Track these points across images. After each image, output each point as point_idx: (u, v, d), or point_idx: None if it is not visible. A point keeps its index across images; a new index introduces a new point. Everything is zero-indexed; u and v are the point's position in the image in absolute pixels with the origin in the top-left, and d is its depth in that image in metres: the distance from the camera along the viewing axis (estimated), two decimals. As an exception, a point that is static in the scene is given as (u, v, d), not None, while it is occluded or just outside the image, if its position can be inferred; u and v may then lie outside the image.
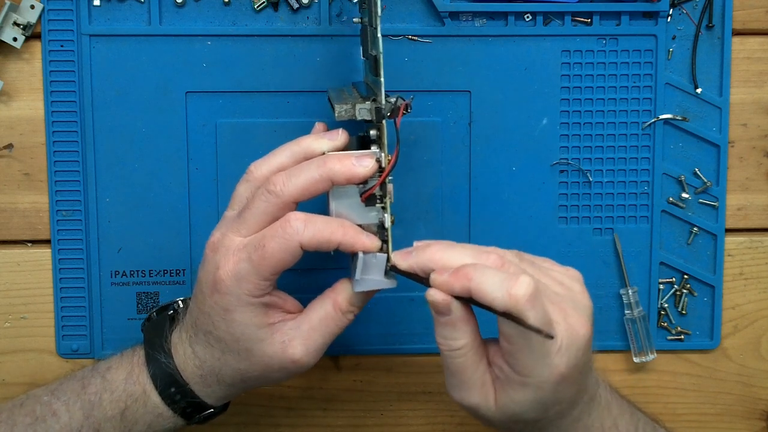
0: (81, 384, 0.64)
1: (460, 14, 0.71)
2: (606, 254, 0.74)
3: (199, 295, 0.61)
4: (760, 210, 0.75)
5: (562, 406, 0.58)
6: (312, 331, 0.61)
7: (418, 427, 0.76)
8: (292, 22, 0.71)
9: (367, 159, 0.59)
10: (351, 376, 0.76)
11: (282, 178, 0.59)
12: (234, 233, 0.60)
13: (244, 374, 0.62)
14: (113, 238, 0.72)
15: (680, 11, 0.72)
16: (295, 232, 0.57)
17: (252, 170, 0.62)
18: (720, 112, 0.73)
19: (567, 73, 0.72)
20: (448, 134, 0.72)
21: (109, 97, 0.71)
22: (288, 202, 0.59)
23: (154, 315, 0.67)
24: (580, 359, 0.57)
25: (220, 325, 0.60)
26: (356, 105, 0.59)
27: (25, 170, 0.72)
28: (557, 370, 0.55)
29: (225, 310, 0.59)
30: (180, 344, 0.63)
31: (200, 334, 0.62)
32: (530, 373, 0.55)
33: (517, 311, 0.52)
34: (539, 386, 0.56)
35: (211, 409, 0.64)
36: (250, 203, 0.60)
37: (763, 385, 0.77)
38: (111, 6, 0.70)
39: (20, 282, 0.73)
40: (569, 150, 0.73)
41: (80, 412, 0.63)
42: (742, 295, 0.76)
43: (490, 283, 0.53)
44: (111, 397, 0.63)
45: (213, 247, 0.60)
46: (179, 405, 0.63)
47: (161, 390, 0.62)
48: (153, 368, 0.63)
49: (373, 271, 0.60)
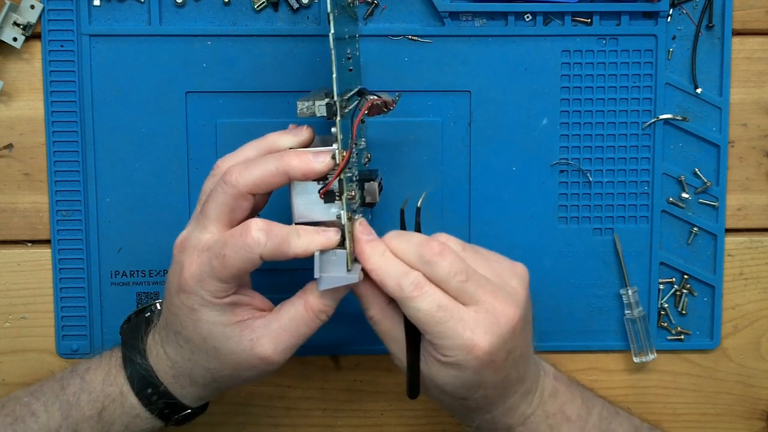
0: (60, 385, 0.64)
1: (460, 14, 0.71)
2: (606, 254, 0.74)
3: (167, 296, 0.61)
4: (760, 210, 0.75)
5: (487, 390, 0.60)
6: (281, 330, 0.60)
7: (418, 427, 0.76)
8: (292, 22, 0.71)
9: (323, 155, 0.59)
10: (351, 376, 0.76)
11: (238, 168, 0.59)
12: (198, 230, 0.60)
13: (214, 374, 0.62)
14: (113, 238, 0.72)
15: (680, 11, 0.72)
16: (255, 244, 0.57)
17: (218, 165, 0.62)
18: (720, 112, 0.73)
19: (567, 73, 0.72)
20: (448, 134, 0.72)
21: (109, 97, 0.71)
22: (243, 193, 0.58)
23: (133, 317, 0.67)
24: (506, 344, 0.59)
25: (188, 325, 0.60)
26: (315, 101, 0.59)
27: (25, 170, 0.72)
28: (475, 350, 0.58)
29: (191, 310, 0.59)
30: (153, 346, 0.63)
31: (171, 335, 0.62)
32: (448, 353, 0.58)
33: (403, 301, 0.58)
34: (459, 365, 0.58)
35: (188, 410, 0.64)
36: (208, 197, 0.60)
37: (763, 385, 0.77)
38: (111, 6, 0.71)
39: (20, 282, 0.73)
40: (569, 150, 0.73)
41: (58, 413, 0.63)
42: (742, 295, 0.76)
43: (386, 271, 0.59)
44: (89, 398, 0.63)
45: (180, 247, 0.60)
46: (156, 406, 0.63)
47: (138, 391, 0.62)
48: (130, 369, 0.63)
49: (333, 268, 0.60)
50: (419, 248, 0.59)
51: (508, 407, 0.63)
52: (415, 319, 0.58)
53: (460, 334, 0.58)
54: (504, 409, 0.63)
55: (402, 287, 0.58)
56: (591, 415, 0.65)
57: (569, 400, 0.65)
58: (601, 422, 0.66)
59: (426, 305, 0.58)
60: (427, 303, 0.58)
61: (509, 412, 0.63)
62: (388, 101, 0.62)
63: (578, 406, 0.65)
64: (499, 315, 0.59)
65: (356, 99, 0.62)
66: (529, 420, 0.64)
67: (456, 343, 0.58)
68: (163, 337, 0.63)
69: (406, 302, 0.58)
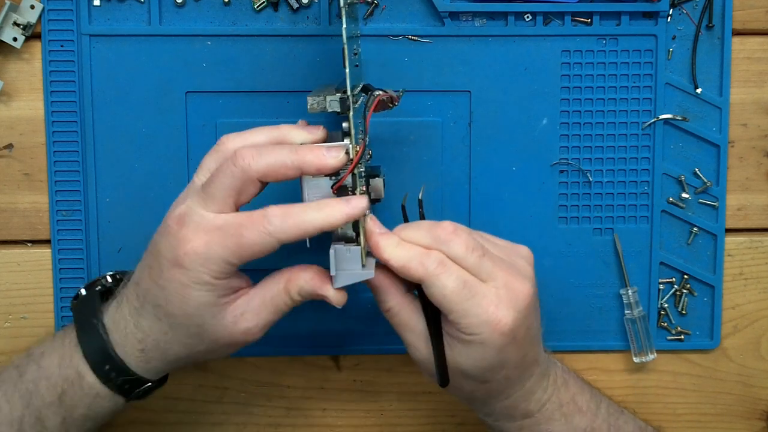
0: (17, 372, 0.63)
1: (460, 14, 0.71)
2: (606, 254, 0.74)
3: (155, 268, 0.59)
4: (760, 210, 0.75)
5: (509, 369, 0.61)
6: (263, 306, 0.60)
7: (418, 427, 0.76)
8: (292, 22, 0.71)
9: (336, 150, 0.59)
10: (351, 376, 0.76)
11: (251, 152, 0.58)
12: (201, 207, 0.59)
13: (191, 349, 0.61)
14: (113, 238, 0.72)
15: (680, 11, 0.72)
16: (276, 232, 0.57)
17: (224, 142, 0.61)
18: (720, 112, 0.73)
19: (567, 73, 0.72)
20: (448, 134, 0.72)
21: (109, 97, 0.71)
22: (253, 179, 0.58)
23: (82, 292, 0.65)
24: (526, 319, 0.60)
25: (174, 300, 0.59)
26: (327, 97, 0.60)
27: (25, 170, 0.72)
28: (500, 326, 0.58)
29: (183, 286, 0.58)
30: (121, 319, 0.62)
31: (148, 307, 0.60)
32: (473, 331, 0.59)
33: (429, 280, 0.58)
34: (484, 343, 0.59)
35: (148, 383, 0.63)
36: (215, 176, 0.59)
37: (763, 385, 0.77)
38: (111, 6, 0.71)
39: (20, 282, 0.73)
40: (569, 150, 0.73)
41: (20, 402, 0.62)
42: (742, 295, 0.76)
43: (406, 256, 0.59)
44: (47, 384, 0.62)
45: (178, 220, 0.59)
46: (114, 382, 0.62)
47: (95, 368, 0.61)
48: (85, 348, 0.62)
49: (349, 264, 0.60)
50: (432, 231, 0.60)
51: (527, 391, 0.63)
52: (441, 299, 0.58)
53: (486, 310, 0.58)
54: (523, 392, 0.63)
55: (426, 266, 0.58)
56: (600, 408, 0.66)
57: (579, 392, 0.66)
58: (609, 417, 0.66)
59: (452, 282, 0.58)
60: (453, 279, 0.58)
61: (528, 396, 0.63)
62: (393, 96, 0.62)
63: (587, 398, 0.66)
64: (516, 291, 0.60)
65: (362, 95, 0.63)
66: (545, 407, 0.64)
67: (481, 320, 0.58)
68: (136, 309, 0.61)
69: (433, 281, 0.58)
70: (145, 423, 0.75)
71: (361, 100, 0.62)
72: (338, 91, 0.60)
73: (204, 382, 0.75)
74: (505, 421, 0.65)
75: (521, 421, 0.64)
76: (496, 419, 0.65)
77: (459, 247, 0.59)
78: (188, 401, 0.75)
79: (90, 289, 0.65)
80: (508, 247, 0.63)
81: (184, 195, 0.61)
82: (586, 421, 0.65)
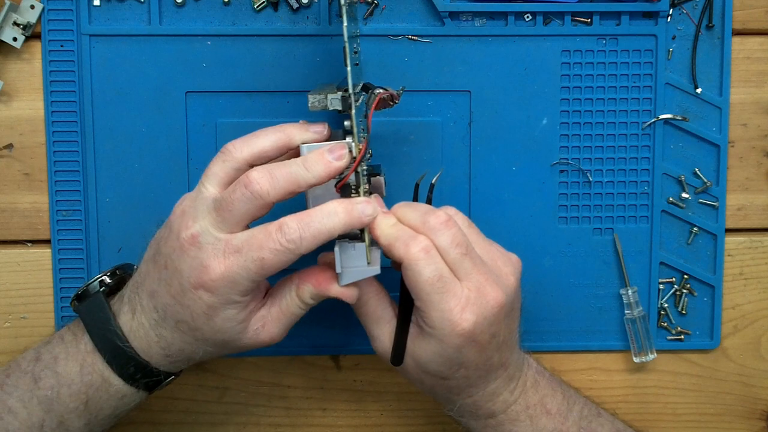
0: (32, 378, 0.63)
1: (460, 14, 0.71)
2: (606, 254, 0.74)
3: (174, 286, 0.60)
4: (760, 210, 0.75)
5: (468, 370, 0.62)
6: (281, 315, 0.62)
7: (418, 427, 0.76)
8: (292, 22, 0.71)
9: (338, 150, 0.60)
10: (351, 376, 0.76)
11: (266, 178, 0.58)
12: (215, 229, 0.59)
13: (213, 353, 0.63)
14: (113, 238, 0.72)
15: (680, 11, 0.72)
16: (295, 246, 0.57)
17: (231, 150, 0.61)
18: (720, 112, 0.73)
19: (567, 73, 0.72)
20: (448, 134, 0.72)
21: (109, 97, 0.71)
22: (269, 204, 0.59)
23: (87, 295, 0.64)
24: (491, 326, 0.60)
25: (200, 318, 0.60)
26: (328, 95, 0.60)
27: (25, 170, 0.72)
28: (459, 327, 0.59)
29: (210, 308, 0.59)
30: (140, 328, 0.62)
31: (170, 321, 0.61)
32: (434, 325, 0.60)
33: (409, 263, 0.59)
34: (442, 339, 0.60)
35: (172, 376, 0.65)
36: (229, 201, 0.58)
37: (763, 385, 0.77)
38: (111, 6, 0.71)
39: (20, 282, 0.73)
40: (569, 150, 0.73)
41: (39, 408, 0.62)
42: (742, 295, 0.76)
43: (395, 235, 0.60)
44: (69, 391, 0.62)
45: (194, 243, 0.59)
46: (142, 382, 0.63)
47: (121, 374, 0.62)
48: (107, 355, 0.62)
49: (354, 261, 0.61)
50: (426, 216, 0.60)
51: (491, 392, 0.64)
52: (414, 284, 0.59)
53: (450, 309, 0.59)
54: (486, 393, 0.64)
55: (409, 249, 0.59)
56: (571, 411, 0.66)
57: (549, 394, 0.66)
58: (581, 420, 0.66)
59: (429, 271, 0.59)
60: (431, 270, 0.59)
61: (492, 398, 0.64)
62: (394, 94, 0.63)
63: (558, 401, 0.66)
64: (487, 296, 0.60)
65: (362, 93, 0.63)
66: (511, 408, 0.65)
67: (444, 317, 0.59)
68: (156, 321, 0.62)
69: (412, 265, 0.59)
70: (145, 423, 0.75)
71: (361, 98, 0.62)
72: (339, 89, 0.60)
73: (204, 382, 0.75)
74: (469, 418, 0.66)
75: (485, 420, 0.65)
76: (461, 415, 0.66)
77: (445, 239, 0.60)
78: (188, 401, 0.75)
79: (96, 294, 0.64)
80: (498, 253, 0.63)
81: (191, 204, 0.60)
82: (553, 424, 0.65)
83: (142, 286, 0.62)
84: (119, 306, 0.63)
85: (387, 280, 0.64)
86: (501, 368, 0.63)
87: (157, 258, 0.61)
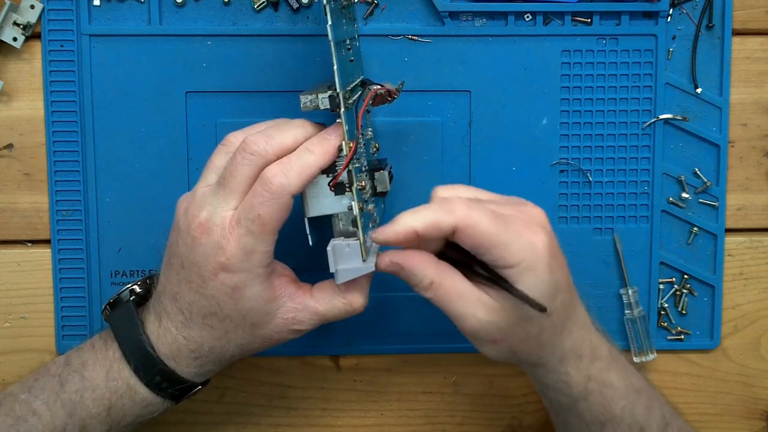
0: (58, 382, 0.63)
1: (460, 14, 0.71)
2: (606, 254, 0.74)
3: (195, 281, 0.60)
4: (760, 210, 0.75)
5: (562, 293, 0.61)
6: (316, 312, 0.62)
7: (418, 427, 0.76)
8: (292, 22, 0.71)
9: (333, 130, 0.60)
10: (351, 376, 0.76)
11: (263, 139, 0.59)
12: (222, 209, 0.59)
13: (244, 348, 0.63)
14: (113, 238, 0.72)
15: (680, 11, 0.72)
16: (281, 188, 0.58)
17: (231, 140, 0.62)
18: (720, 112, 0.73)
19: (567, 73, 0.72)
20: (448, 134, 0.72)
21: (109, 97, 0.71)
22: (270, 161, 0.59)
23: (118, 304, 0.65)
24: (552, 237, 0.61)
25: (227, 304, 0.60)
26: (319, 95, 0.60)
27: (25, 170, 0.72)
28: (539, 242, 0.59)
29: (234, 289, 0.59)
30: (166, 334, 0.62)
31: (196, 319, 0.61)
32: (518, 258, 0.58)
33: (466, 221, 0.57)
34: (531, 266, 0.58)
35: (198, 387, 0.65)
36: (231, 168, 0.59)
37: (763, 385, 0.77)
38: (111, 6, 0.71)
39: (20, 282, 0.73)
40: (569, 150, 0.73)
41: (62, 411, 0.62)
42: (742, 295, 0.76)
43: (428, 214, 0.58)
44: (93, 395, 0.62)
45: (204, 229, 0.59)
46: (167, 391, 0.63)
47: (147, 383, 0.62)
48: (134, 362, 0.62)
49: (349, 260, 0.60)
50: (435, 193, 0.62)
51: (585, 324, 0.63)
52: (480, 237, 0.57)
53: (521, 234, 0.58)
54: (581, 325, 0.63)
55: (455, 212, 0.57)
56: None
57: None
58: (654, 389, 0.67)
59: (485, 217, 0.58)
60: (485, 214, 0.58)
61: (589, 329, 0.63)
62: (392, 90, 0.62)
63: None
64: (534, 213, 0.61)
65: (359, 90, 0.62)
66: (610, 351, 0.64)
67: (522, 244, 0.58)
68: (182, 324, 0.62)
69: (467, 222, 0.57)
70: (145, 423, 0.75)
71: (358, 95, 0.62)
72: (330, 88, 0.60)
73: (204, 382, 0.75)
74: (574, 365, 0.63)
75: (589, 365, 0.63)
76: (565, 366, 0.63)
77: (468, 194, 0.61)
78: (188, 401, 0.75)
79: (127, 303, 0.65)
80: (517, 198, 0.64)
81: (193, 199, 0.61)
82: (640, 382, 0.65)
83: (164, 294, 0.62)
84: (146, 315, 0.64)
85: (387, 279, 0.64)
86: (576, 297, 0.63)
87: (172, 261, 0.62)
